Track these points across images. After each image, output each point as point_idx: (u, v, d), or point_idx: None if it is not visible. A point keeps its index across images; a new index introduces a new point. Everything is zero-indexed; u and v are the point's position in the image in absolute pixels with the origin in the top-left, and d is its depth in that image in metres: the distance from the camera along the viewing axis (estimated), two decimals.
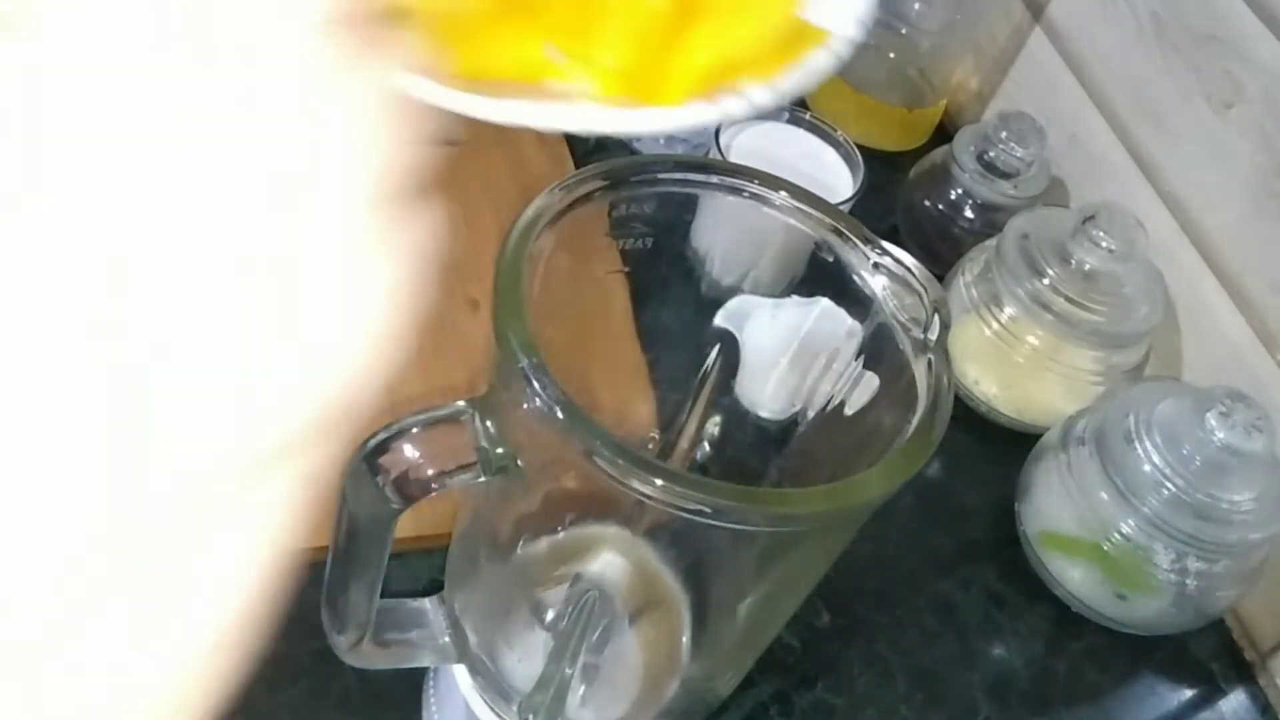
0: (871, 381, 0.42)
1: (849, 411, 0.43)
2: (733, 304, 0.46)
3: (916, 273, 0.39)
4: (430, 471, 0.35)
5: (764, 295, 0.46)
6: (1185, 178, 0.70)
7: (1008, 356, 0.67)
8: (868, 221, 0.41)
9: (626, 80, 0.31)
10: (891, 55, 0.83)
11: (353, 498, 0.36)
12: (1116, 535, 0.58)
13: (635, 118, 0.31)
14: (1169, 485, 0.57)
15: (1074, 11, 0.79)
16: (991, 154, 0.73)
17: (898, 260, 0.39)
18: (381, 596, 0.40)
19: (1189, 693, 0.62)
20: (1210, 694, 0.62)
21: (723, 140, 0.64)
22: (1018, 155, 0.73)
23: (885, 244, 0.40)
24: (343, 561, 0.38)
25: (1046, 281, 0.65)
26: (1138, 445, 0.58)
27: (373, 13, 0.18)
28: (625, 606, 0.47)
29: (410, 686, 0.51)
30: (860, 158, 0.66)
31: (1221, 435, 0.56)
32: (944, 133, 0.83)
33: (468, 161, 0.71)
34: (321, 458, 0.19)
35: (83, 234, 0.16)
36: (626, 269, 0.45)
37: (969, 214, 0.74)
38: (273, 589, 0.19)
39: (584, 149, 0.74)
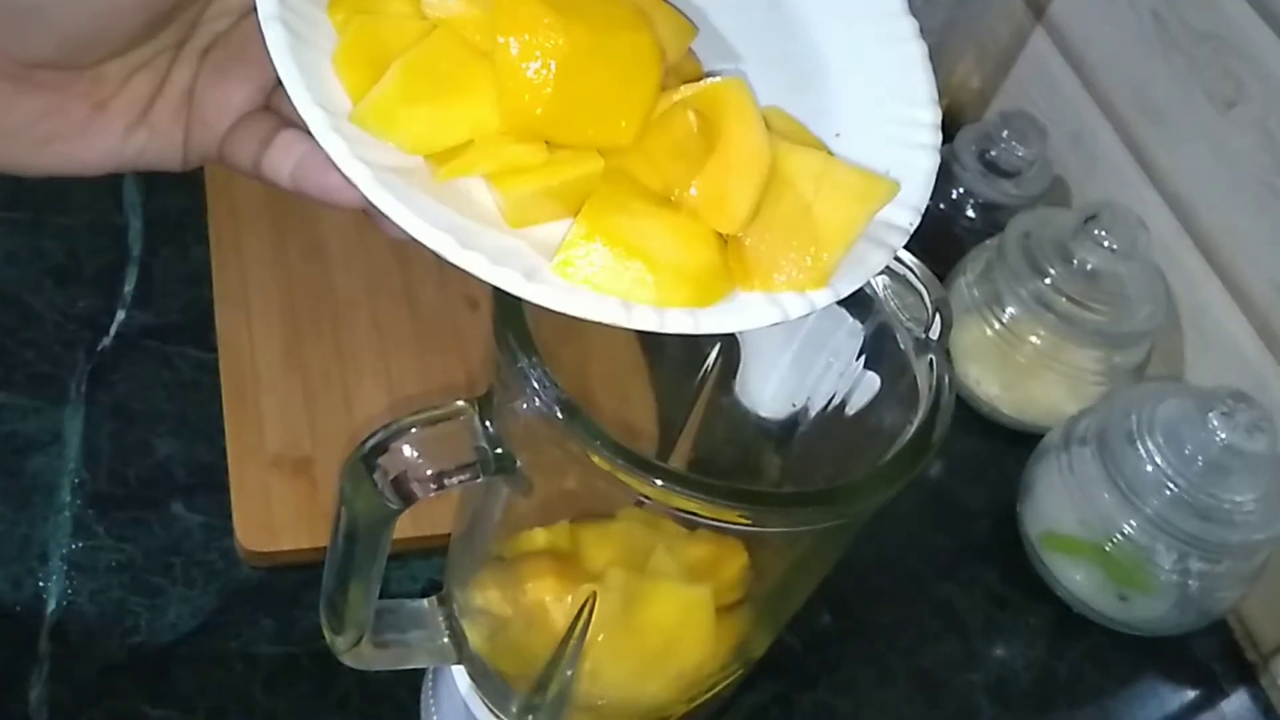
0: (873, 382, 0.42)
1: (850, 412, 0.43)
2: None
3: (918, 272, 0.39)
4: (429, 472, 0.35)
5: None
6: (1187, 177, 0.70)
7: (1009, 356, 0.67)
8: None
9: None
10: None
11: (351, 498, 0.36)
12: (1118, 536, 0.58)
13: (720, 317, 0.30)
14: (1171, 486, 0.57)
15: (1075, 10, 0.79)
16: (993, 153, 0.73)
17: (898, 260, 0.39)
18: (380, 597, 0.40)
19: (1191, 694, 0.61)
20: (1212, 695, 0.62)
21: None
22: (1019, 154, 0.73)
23: None
24: (341, 562, 0.38)
25: (1048, 281, 0.65)
26: (1140, 446, 0.58)
27: None
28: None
29: (410, 687, 0.50)
30: None
31: (1224, 436, 0.56)
32: (945, 132, 0.83)
33: None
34: None
35: None
36: None
37: (970, 213, 0.74)
38: None
39: None
